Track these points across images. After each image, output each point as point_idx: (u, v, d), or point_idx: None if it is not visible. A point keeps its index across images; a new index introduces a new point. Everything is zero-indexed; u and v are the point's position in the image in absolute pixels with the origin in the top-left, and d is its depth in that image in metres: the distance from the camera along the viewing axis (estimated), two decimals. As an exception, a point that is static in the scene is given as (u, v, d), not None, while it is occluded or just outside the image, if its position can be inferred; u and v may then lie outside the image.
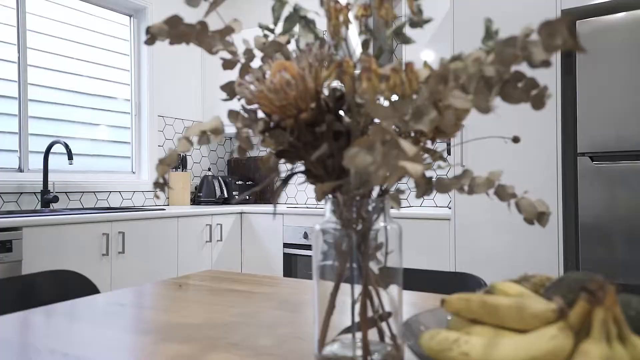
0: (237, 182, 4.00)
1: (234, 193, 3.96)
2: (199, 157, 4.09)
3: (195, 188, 4.00)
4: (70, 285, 1.44)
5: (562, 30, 0.50)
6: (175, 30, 0.74)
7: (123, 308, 1.13)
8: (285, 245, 3.28)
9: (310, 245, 3.16)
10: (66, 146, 2.80)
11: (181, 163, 3.81)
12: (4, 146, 2.87)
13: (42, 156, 3.03)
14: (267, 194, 4.12)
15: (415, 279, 1.42)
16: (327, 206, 0.83)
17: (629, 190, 2.16)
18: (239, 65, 0.81)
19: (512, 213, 2.45)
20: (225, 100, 0.92)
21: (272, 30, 0.94)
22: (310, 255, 3.15)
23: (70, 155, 2.78)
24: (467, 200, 2.57)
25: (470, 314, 0.62)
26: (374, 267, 0.80)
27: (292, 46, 1.25)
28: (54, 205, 3.00)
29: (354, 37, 2.42)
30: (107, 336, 0.91)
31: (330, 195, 0.82)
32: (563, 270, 2.33)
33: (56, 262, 2.35)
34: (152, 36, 0.83)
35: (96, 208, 3.17)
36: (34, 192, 2.90)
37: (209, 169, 3.99)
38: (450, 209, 3.01)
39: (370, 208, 0.79)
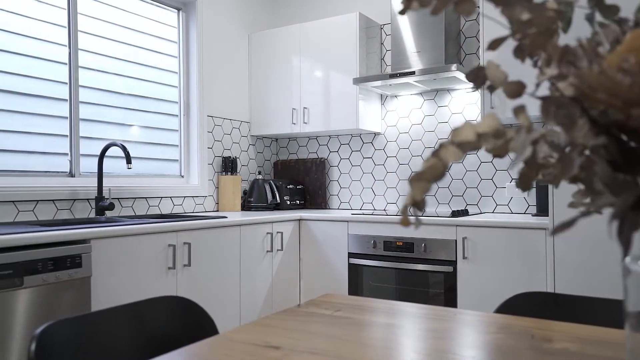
0: (287, 187, 3.78)
1: (285, 198, 3.74)
2: (246, 160, 3.87)
3: (244, 192, 3.78)
4: (179, 314, 1.23)
5: None
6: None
7: (282, 354, 0.90)
8: (351, 255, 3.05)
9: (379, 256, 2.93)
10: (124, 149, 2.59)
11: (231, 166, 3.60)
12: (52, 149, 2.67)
13: (90, 160, 2.83)
14: (318, 199, 3.90)
15: (597, 310, 1.18)
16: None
17: None
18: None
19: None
20: (472, 91, 0.69)
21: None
22: (379, 267, 2.92)
23: (128, 159, 2.57)
24: (568, 207, 2.32)
25: None
26: None
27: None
28: (107, 213, 2.79)
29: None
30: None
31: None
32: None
33: (125, 278, 2.14)
34: (407, 4, 0.61)
35: (152, 215, 2.96)
36: (87, 199, 2.69)
37: (259, 173, 3.77)
38: (544, 216, 2.78)
39: None
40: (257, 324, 1.10)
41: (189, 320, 1.23)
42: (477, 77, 0.68)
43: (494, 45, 0.63)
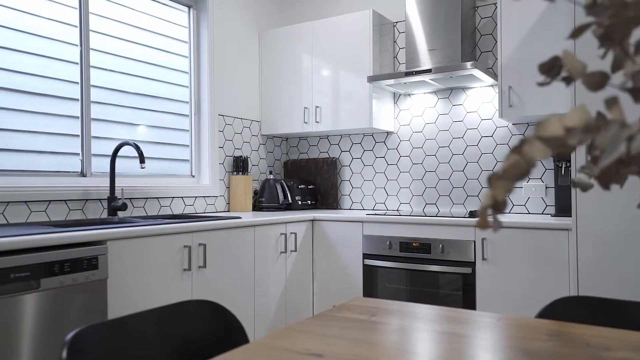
0: (299, 187, 3.73)
1: (297, 198, 3.69)
2: (256, 159, 3.83)
3: (255, 192, 3.73)
4: (209, 318, 1.18)
5: None
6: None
7: (326, 362, 0.86)
8: (366, 256, 3.00)
9: (395, 257, 2.88)
10: (137, 148, 2.55)
11: (242, 165, 3.55)
12: (63, 149, 2.62)
13: (101, 159, 2.78)
14: (329, 199, 3.85)
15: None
16: None
17: None
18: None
19: (648, 223, 2.16)
20: (543, 84, 0.65)
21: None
22: (395, 268, 2.87)
23: (142, 159, 2.53)
24: (593, 207, 2.27)
25: None
26: None
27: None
28: (120, 213, 2.75)
29: None
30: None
31: None
32: None
33: (141, 280, 2.10)
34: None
35: (165, 216, 2.92)
36: (100, 199, 2.65)
37: (270, 172, 3.72)
38: (568, 217, 2.73)
39: None
40: (293, 329, 1.05)
41: (219, 325, 1.18)
42: (553, 68, 0.63)
43: (577, 32, 0.59)
